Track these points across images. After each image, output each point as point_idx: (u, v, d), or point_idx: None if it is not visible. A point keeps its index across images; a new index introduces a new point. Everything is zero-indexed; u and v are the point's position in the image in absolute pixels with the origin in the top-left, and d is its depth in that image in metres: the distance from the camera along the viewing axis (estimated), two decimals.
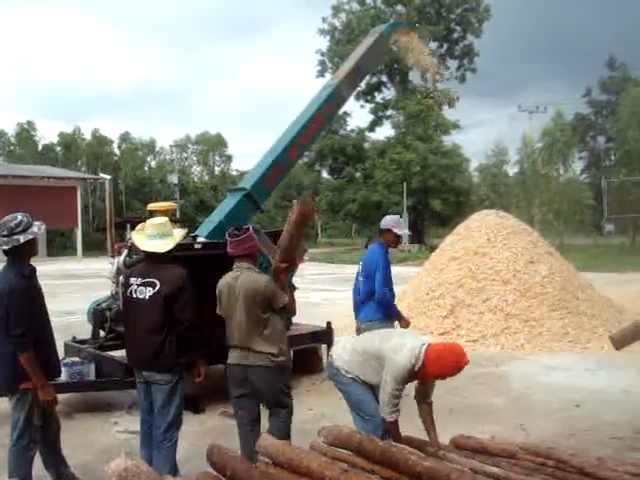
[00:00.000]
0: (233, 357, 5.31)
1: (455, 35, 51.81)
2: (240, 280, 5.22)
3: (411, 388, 4.97)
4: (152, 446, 5.18)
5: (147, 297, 5.09)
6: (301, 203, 5.31)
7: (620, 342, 6.16)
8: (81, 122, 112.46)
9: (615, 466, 4.35)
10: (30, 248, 4.98)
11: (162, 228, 5.24)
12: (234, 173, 72.93)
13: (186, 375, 5.32)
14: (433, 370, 4.72)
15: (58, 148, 68.16)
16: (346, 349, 5.24)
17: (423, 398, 5.04)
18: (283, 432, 5.24)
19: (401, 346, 4.78)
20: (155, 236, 5.19)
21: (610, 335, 6.65)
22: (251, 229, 5.42)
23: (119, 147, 71.93)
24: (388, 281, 7.02)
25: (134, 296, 5.18)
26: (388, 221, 7.20)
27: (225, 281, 5.35)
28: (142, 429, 5.37)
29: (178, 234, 5.35)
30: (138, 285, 5.17)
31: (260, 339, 5.17)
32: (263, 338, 5.18)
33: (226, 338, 5.35)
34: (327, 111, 9.92)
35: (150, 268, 5.20)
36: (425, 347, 4.73)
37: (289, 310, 5.48)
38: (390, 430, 4.85)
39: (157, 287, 5.06)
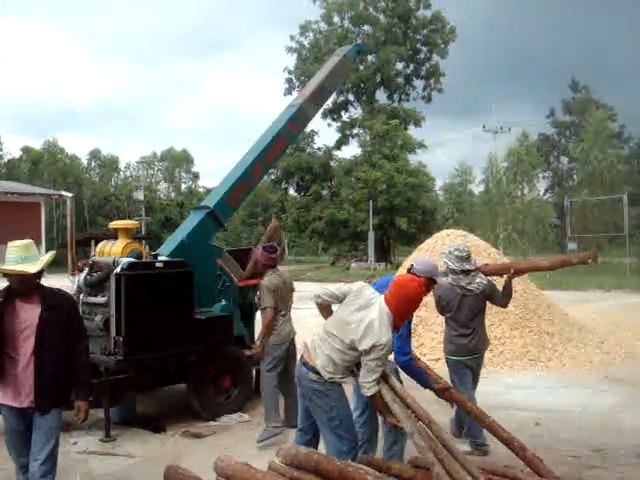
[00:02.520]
0: (284, 337, 7.48)
1: (421, 55, 52.42)
2: (287, 278, 7.74)
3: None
4: None
5: None
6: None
7: None
8: (46, 137, 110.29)
9: None
10: None
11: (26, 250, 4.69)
12: (201, 190, 72.56)
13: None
14: (405, 311, 4.89)
15: (23, 163, 67.14)
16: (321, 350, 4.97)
17: None
18: None
19: (369, 327, 4.72)
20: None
21: None
22: (279, 248, 7.78)
23: (89, 163, 71.20)
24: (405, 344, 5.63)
25: None
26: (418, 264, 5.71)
27: (278, 280, 7.51)
28: None
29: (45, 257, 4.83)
30: None
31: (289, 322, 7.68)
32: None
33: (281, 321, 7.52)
34: (291, 130, 9.98)
35: None
36: (386, 309, 4.77)
37: None
38: (374, 404, 4.89)
39: None
